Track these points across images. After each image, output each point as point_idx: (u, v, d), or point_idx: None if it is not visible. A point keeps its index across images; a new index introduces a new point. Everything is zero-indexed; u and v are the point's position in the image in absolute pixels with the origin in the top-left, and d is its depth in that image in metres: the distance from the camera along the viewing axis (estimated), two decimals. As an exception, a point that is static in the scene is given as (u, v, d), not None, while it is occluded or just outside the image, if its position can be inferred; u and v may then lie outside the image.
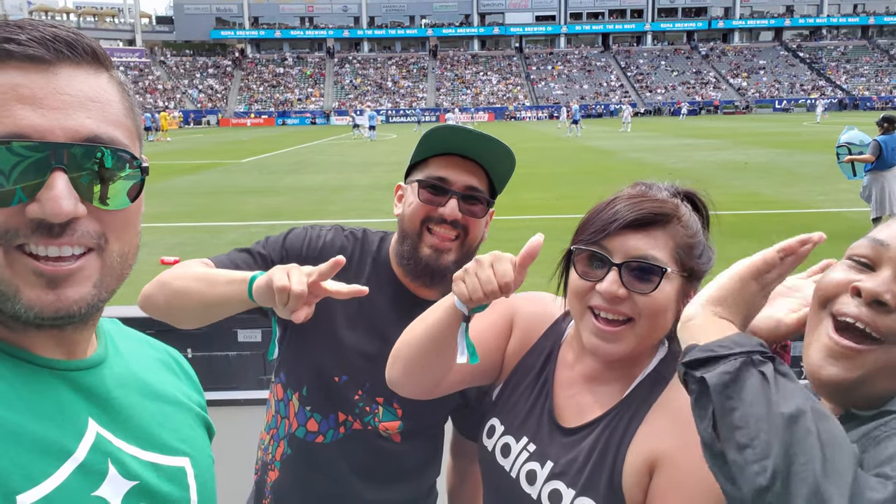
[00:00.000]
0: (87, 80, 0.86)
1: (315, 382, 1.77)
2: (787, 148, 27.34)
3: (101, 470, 0.87)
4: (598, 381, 1.43)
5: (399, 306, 1.75)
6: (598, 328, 1.33)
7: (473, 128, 1.73)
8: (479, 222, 1.74)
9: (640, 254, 1.30)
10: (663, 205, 1.34)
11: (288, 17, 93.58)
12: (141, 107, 0.98)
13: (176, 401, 1.08)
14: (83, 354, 0.94)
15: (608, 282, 1.31)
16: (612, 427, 1.37)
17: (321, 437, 1.77)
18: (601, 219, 1.35)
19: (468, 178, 1.70)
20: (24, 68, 0.82)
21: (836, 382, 1.02)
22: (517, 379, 1.54)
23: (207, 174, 22.95)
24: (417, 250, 1.70)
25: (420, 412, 1.75)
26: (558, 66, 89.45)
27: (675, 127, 47.02)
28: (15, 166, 0.80)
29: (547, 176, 19.87)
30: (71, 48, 0.85)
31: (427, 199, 1.70)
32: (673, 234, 1.33)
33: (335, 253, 1.58)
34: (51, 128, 0.81)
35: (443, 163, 1.71)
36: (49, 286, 0.83)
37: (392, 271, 1.80)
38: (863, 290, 1.01)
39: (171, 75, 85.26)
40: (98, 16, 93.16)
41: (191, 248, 11.02)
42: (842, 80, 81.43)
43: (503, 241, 8.38)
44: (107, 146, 0.85)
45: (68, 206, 0.81)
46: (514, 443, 1.47)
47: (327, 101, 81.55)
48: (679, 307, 1.34)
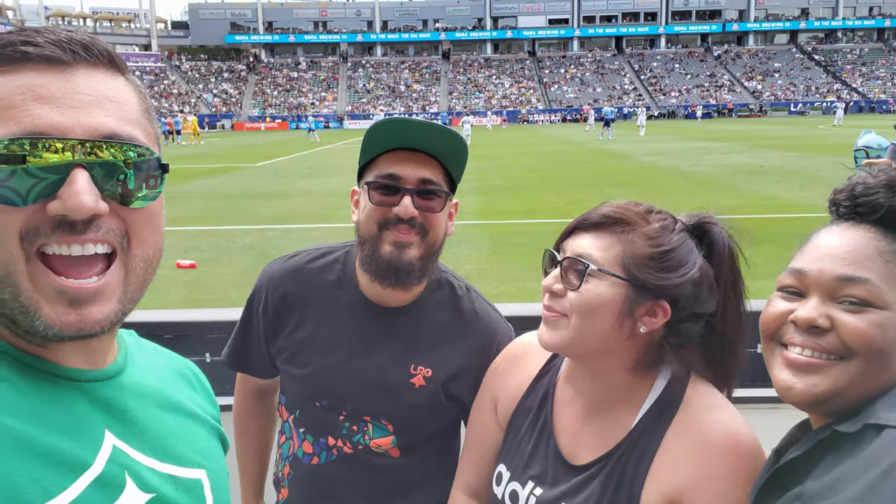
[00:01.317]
0: (103, 80, 0.87)
1: (303, 407, 1.76)
2: (802, 151, 27.12)
3: (118, 482, 0.87)
4: (601, 412, 1.40)
5: (366, 320, 1.71)
6: (544, 316, 1.37)
7: (418, 119, 1.65)
8: (438, 217, 1.63)
9: (577, 251, 1.33)
10: (623, 211, 1.34)
11: (302, 21, 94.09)
12: (156, 111, 0.99)
13: (192, 413, 1.08)
14: (103, 363, 0.94)
15: (549, 277, 1.37)
16: (625, 460, 1.32)
17: (316, 459, 1.75)
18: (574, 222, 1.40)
19: (420, 170, 1.59)
20: (42, 69, 0.83)
21: (806, 396, 1.09)
22: (517, 423, 1.52)
23: (222, 178, 23.08)
24: (378, 251, 1.61)
25: (413, 426, 1.71)
26: (571, 69, 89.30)
27: (689, 130, 46.79)
28: (35, 164, 0.80)
29: (559, 179, 19.83)
30: (87, 50, 0.86)
31: (379, 201, 1.59)
32: (624, 240, 1.31)
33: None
34: (70, 126, 0.82)
35: (392, 159, 1.61)
36: (71, 305, 0.83)
37: (355, 286, 1.73)
38: (797, 321, 1.10)
39: (186, 80, 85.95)
40: (114, 21, 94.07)
41: (206, 252, 11.08)
42: (857, 82, 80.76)
43: (515, 245, 8.39)
44: (126, 143, 0.85)
45: (90, 202, 0.81)
46: (520, 489, 1.43)
47: (341, 106, 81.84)
48: (624, 318, 1.30)
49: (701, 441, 1.26)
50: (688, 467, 1.25)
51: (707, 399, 1.33)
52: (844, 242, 1.11)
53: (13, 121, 0.80)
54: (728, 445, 1.25)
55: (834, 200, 1.19)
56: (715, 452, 1.25)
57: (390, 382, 1.70)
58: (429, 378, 1.70)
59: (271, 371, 1.86)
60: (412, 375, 1.71)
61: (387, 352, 1.71)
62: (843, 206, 1.15)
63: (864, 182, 1.13)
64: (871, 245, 1.10)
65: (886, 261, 1.08)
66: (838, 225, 1.16)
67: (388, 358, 1.71)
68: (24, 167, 0.79)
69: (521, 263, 8.73)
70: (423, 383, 1.70)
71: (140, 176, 0.87)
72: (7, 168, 0.79)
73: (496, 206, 15.40)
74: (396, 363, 1.71)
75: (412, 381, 1.71)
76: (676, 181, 18.79)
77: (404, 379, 1.70)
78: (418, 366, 1.71)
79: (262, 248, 11.55)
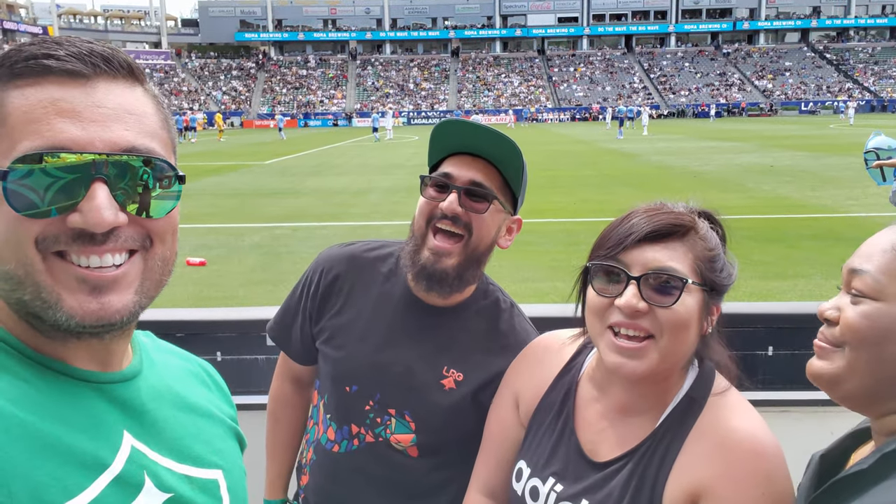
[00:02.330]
0: (123, 93, 0.89)
1: (332, 391, 1.78)
2: (813, 151, 26.97)
3: (137, 482, 0.88)
4: (629, 412, 1.38)
5: (408, 314, 1.75)
6: (618, 345, 1.28)
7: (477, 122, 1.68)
8: (483, 220, 1.65)
9: (659, 265, 1.26)
10: (680, 217, 1.31)
11: (311, 19, 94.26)
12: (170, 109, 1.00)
13: (209, 413, 1.09)
14: (119, 366, 0.95)
15: (627, 296, 1.26)
16: (648, 458, 1.31)
17: (336, 447, 1.77)
18: (617, 233, 1.31)
19: (472, 173, 1.64)
20: (63, 83, 0.84)
21: (821, 375, 1.16)
22: (539, 419, 1.51)
23: (231, 176, 23.16)
24: (419, 252, 1.66)
25: (435, 427, 1.71)
26: (580, 67, 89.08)
27: (699, 129, 46.60)
28: (56, 178, 0.81)
29: (568, 179, 19.80)
30: (107, 62, 0.88)
31: (430, 196, 1.66)
32: (692, 245, 1.29)
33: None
34: (90, 140, 0.83)
35: (453, 161, 1.68)
36: (92, 293, 0.85)
37: (404, 280, 1.77)
38: (818, 313, 1.19)
39: (195, 77, 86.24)
40: (125, 18, 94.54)
41: (215, 250, 11.13)
42: (869, 81, 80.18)
43: (524, 243, 8.34)
44: (145, 156, 0.87)
45: (109, 216, 0.83)
46: (540, 485, 1.43)
47: (349, 103, 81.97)
48: (702, 323, 1.31)
49: (723, 443, 1.27)
50: (709, 468, 1.26)
51: (729, 400, 1.34)
52: (879, 237, 1.15)
53: (35, 135, 0.82)
54: (749, 448, 1.25)
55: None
56: (736, 455, 1.25)
57: (420, 378, 1.71)
58: (459, 382, 1.71)
59: (307, 356, 1.88)
60: (443, 377, 1.72)
61: (421, 348, 1.73)
62: None
63: None
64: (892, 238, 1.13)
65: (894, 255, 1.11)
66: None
67: (421, 354, 1.72)
68: (46, 181, 0.81)
69: (531, 263, 8.70)
70: (454, 386, 1.71)
71: (158, 187, 0.89)
72: (28, 181, 0.81)
73: (505, 205, 15.36)
74: (428, 361, 1.72)
75: (442, 381, 1.72)
76: (686, 181, 18.71)
77: (435, 378, 1.72)
78: (451, 368, 1.72)
79: (270, 246, 11.58)
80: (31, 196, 0.81)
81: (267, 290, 8.81)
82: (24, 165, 0.81)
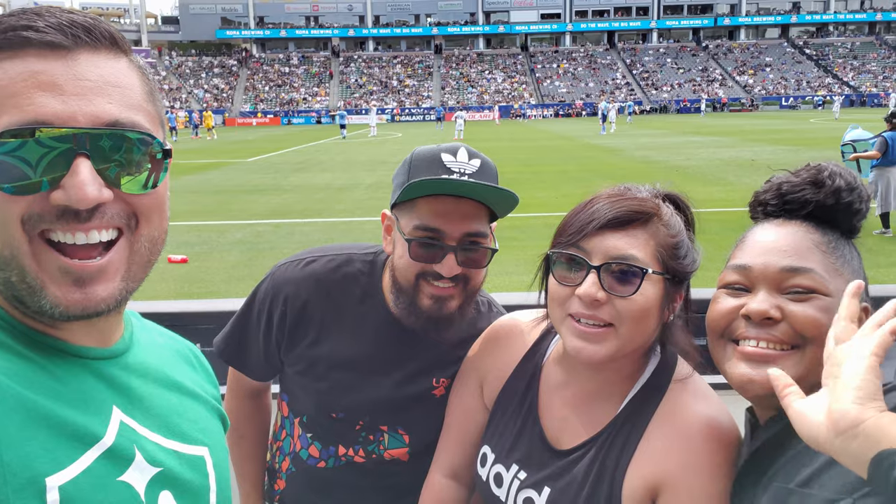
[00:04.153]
0: (106, 64, 0.86)
1: (315, 415, 1.72)
2: (793, 145, 27.22)
3: (128, 455, 0.88)
4: (592, 398, 1.37)
5: (391, 339, 1.66)
6: (579, 329, 1.26)
7: (469, 167, 1.51)
8: (481, 270, 1.55)
9: (619, 254, 1.23)
10: (643, 203, 1.27)
11: (293, 16, 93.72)
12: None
13: (193, 393, 1.09)
14: (109, 342, 0.95)
15: (587, 285, 1.23)
16: (609, 445, 1.31)
17: (322, 463, 1.72)
18: (579, 220, 1.28)
19: (466, 224, 1.48)
20: (43, 55, 0.81)
21: (767, 388, 1.06)
22: (503, 404, 1.49)
23: (214, 173, 22.99)
24: (417, 303, 1.54)
25: (429, 434, 1.67)
26: (563, 64, 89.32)
27: (681, 125, 46.88)
28: (38, 153, 0.79)
29: (551, 174, 19.83)
30: (88, 33, 0.85)
31: (419, 257, 1.50)
32: (654, 232, 1.26)
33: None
34: (72, 114, 0.81)
35: (436, 208, 1.48)
36: (76, 284, 0.83)
37: (381, 302, 1.66)
38: (751, 313, 1.14)
39: (176, 75, 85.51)
40: (104, 16, 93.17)
41: (197, 247, 11.04)
42: (849, 76, 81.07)
43: (508, 238, 8.38)
44: (129, 130, 0.85)
45: (93, 192, 0.81)
46: (504, 471, 1.42)
47: (332, 101, 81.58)
48: (663, 311, 1.29)
49: (682, 430, 1.27)
50: (670, 456, 1.26)
51: (690, 387, 1.33)
52: (782, 237, 1.17)
53: (15, 109, 0.79)
54: (708, 435, 1.26)
55: (759, 201, 1.25)
56: (696, 442, 1.26)
57: (412, 396, 1.67)
58: (448, 388, 1.68)
59: (269, 374, 1.81)
60: (434, 388, 1.68)
61: (407, 369, 1.67)
62: (771, 205, 1.23)
63: (789, 181, 1.22)
64: (807, 238, 1.17)
65: (823, 251, 1.16)
66: (770, 222, 1.22)
67: (411, 375, 1.67)
68: (26, 157, 0.79)
69: (514, 257, 8.71)
70: (444, 392, 1.68)
71: (143, 162, 0.87)
72: (9, 158, 0.79)
73: (489, 201, 15.39)
74: (416, 380, 1.67)
75: (433, 392, 1.68)
76: (669, 175, 18.79)
77: (426, 390, 1.68)
78: (440, 378, 1.68)
79: (253, 242, 11.52)
80: (13, 172, 0.79)
81: (249, 286, 8.64)
82: (3, 140, 0.78)
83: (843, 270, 1.16)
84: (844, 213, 1.19)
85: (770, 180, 1.25)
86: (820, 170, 1.20)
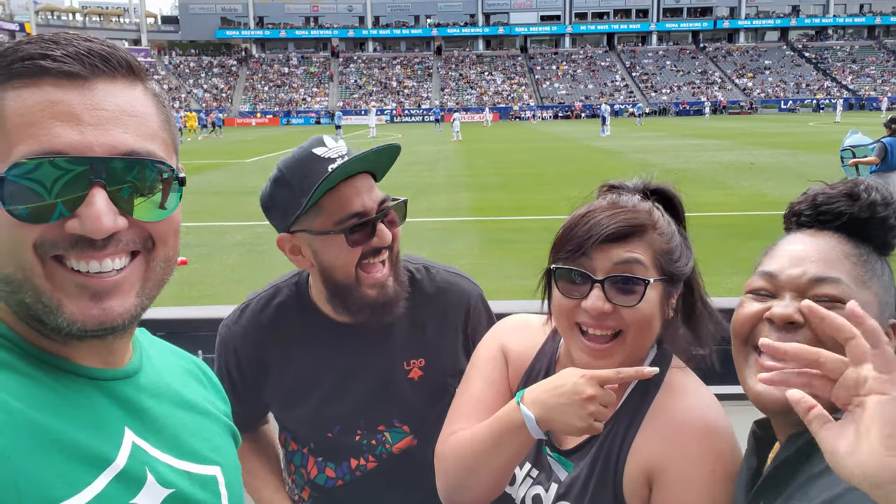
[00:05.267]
0: (122, 93, 0.86)
1: (316, 438, 1.77)
2: (792, 148, 27.24)
3: (139, 478, 0.88)
4: None
5: (345, 344, 1.70)
6: (587, 346, 1.32)
7: (340, 148, 1.59)
8: (398, 230, 1.64)
9: (621, 267, 1.29)
10: (637, 214, 1.32)
11: (293, 16, 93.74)
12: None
13: (205, 410, 1.09)
14: (120, 363, 0.95)
15: (592, 298, 1.29)
16: (610, 440, 1.36)
17: (340, 482, 1.77)
18: (577, 235, 1.32)
19: (373, 195, 1.59)
20: (60, 84, 0.82)
21: (781, 403, 1.05)
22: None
23: (213, 174, 22.96)
24: (363, 296, 1.59)
25: (424, 415, 1.73)
26: (563, 65, 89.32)
27: (680, 127, 46.87)
28: (55, 182, 0.80)
29: (551, 176, 19.84)
30: (105, 62, 0.85)
31: (357, 241, 1.56)
32: (651, 242, 1.31)
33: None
34: (89, 144, 0.81)
35: (342, 194, 1.55)
36: (93, 299, 0.84)
37: (317, 312, 1.72)
38: (774, 316, 1.14)
39: (176, 75, 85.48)
40: (104, 15, 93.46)
41: (197, 249, 10.99)
42: (848, 80, 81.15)
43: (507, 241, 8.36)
44: (145, 159, 0.86)
45: (108, 222, 0.82)
46: (517, 469, 1.45)
47: (332, 101, 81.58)
48: (664, 311, 1.34)
49: (675, 422, 1.32)
50: (662, 447, 1.31)
51: (684, 382, 1.39)
52: (813, 247, 1.18)
53: (32, 139, 0.80)
54: (699, 427, 1.30)
55: (794, 211, 1.26)
56: (687, 434, 1.30)
57: (391, 387, 1.71)
58: (424, 367, 1.73)
59: (256, 420, 1.90)
60: (408, 371, 1.72)
61: (375, 364, 1.71)
62: (805, 216, 1.23)
63: (825, 192, 1.22)
64: (837, 248, 1.17)
65: (853, 263, 1.15)
66: (802, 232, 1.22)
67: (380, 367, 1.71)
68: (41, 180, 0.79)
69: (514, 260, 8.74)
70: (421, 373, 1.73)
71: (158, 191, 0.88)
72: (25, 186, 0.79)
73: (489, 203, 15.42)
74: (388, 370, 1.72)
75: (410, 376, 1.72)
76: (668, 178, 18.81)
77: (403, 377, 1.72)
78: (410, 360, 1.73)
79: (253, 244, 11.50)
80: (28, 196, 0.80)
81: (249, 287, 8.64)
82: (21, 170, 0.79)
83: (872, 283, 1.15)
84: (879, 228, 1.18)
85: (806, 192, 1.26)
86: (856, 183, 1.21)
